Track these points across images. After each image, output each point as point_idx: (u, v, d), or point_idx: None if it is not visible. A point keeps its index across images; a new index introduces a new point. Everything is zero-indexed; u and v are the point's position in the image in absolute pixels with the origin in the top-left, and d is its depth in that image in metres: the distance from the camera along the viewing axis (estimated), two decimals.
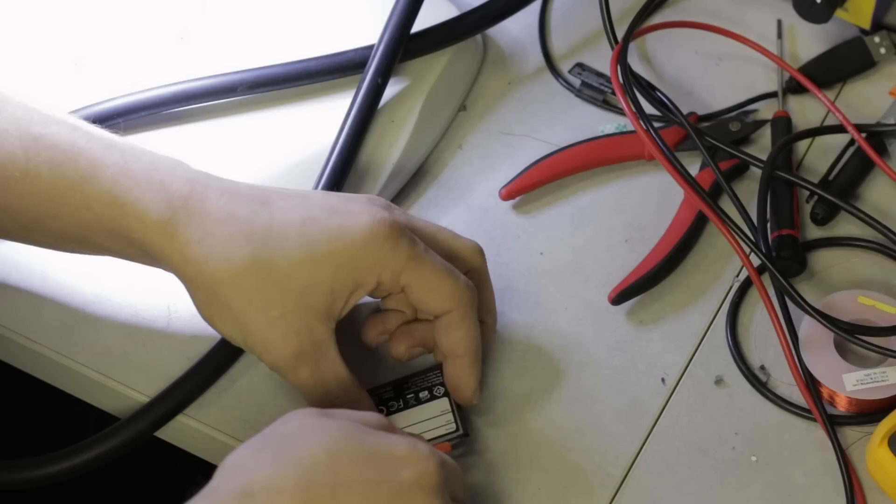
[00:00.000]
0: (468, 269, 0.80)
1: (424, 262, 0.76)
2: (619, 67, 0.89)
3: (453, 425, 0.80)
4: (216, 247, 0.74)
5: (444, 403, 0.81)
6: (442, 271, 0.77)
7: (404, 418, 0.81)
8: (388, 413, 0.81)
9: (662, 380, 0.84)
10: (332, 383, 0.77)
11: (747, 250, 0.84)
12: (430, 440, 0.79)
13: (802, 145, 0.93)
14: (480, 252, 0.81)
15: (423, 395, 0.81)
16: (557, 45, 1.00)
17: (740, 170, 0.92)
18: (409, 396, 0.81)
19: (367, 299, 0.80)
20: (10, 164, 0.76)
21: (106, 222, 0.76)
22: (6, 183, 0.76)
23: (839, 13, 0.94)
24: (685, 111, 0.92)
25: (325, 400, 0.77)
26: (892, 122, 0.91)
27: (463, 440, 0.80)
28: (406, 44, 0.92)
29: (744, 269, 0.86)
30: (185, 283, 0.76)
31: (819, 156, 0.93)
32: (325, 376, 0.76)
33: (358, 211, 0.76)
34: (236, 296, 0.74)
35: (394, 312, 0.81)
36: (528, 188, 0.92)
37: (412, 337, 0.81)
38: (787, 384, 0.83)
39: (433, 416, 0.80)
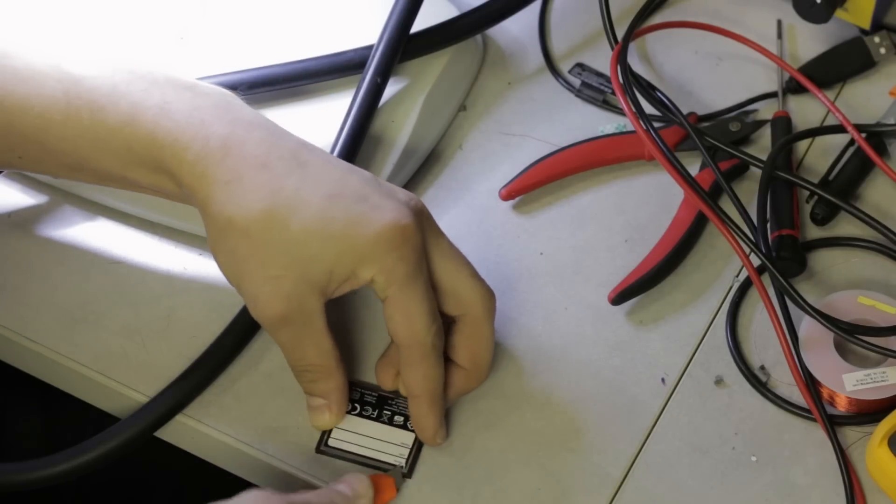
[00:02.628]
0: (464, 313, 0.80)
1: (416, 290, 0.76)
2: (619, 67, 0.89)
3: (402, 460, 0.80)
4: (240, 191, 0.74)
5: (408, 437, 0.81)
6: (425, 307, 0.76)
7: (367, 427, 0.81)
8: (360, 414, 0.81)
9: (662, 380, 0.84)
10: (311, 351, 0.77)
11: (747, 250, 0.84)
12: (374, 461, 0.80)
13: (802, 145, 0.93)
14: (486, 300, 0.80)
15: (398, 419, 0.81)
16: (557, 45, 1.00)
17: (740, 170, 0.92)
18: (385, 412, 0.82)
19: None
20: (52, 107, 0.76)
21: (147, 162, 0.76)
22: (48, 126, 0.76)
23: (839, 13, 0.94)
24: (685, 111, 0.92)
25: (300, 363, 0.78)
26: (892, 122, 0.91)
27: (403, 480, 0.80)
28: (406, 44, 0.92)
29: (744, 269, 0.86)
30: (203, 218, 0.76)
31: (819, 156, 0.93)
32: (305, 343, 0.77)
33: (386, 207, 0.75)
34: (243, 243, 0.74)
35: (396, 346, 0.81)
36: (528, 188, 0.92)
37: None
38: (787, 384, 0.83)
39: (391, 442, 0.81)
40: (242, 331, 0.85)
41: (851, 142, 0.91)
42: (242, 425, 0.83)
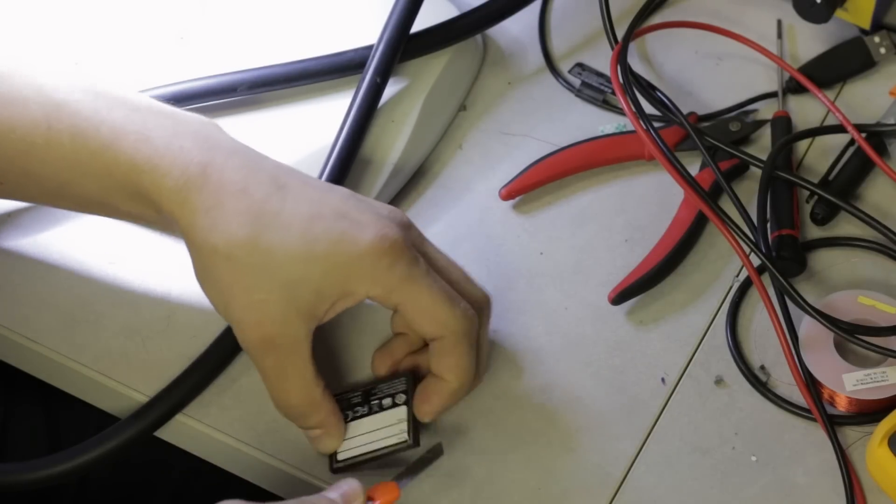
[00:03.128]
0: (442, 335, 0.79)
1: (419, 285, 0.76)
2: (619, 67, 0.89)
3: (405, 435, 0.80)
4: (221, 218, 0.74)
5: (401, 412, 0.80)
6: (438, 296, 0.76)
7: (364, 425, 0.81)
8: (353, 418, 0.81)
9: (662, 380, 0.84)
10: (295, 383, 0.77)
11: (747, 250, 0.84)
12: (383, 450, 0.79)
13: (802, 145, 0.93)
14: (483, 304, 0.80)
15: (386, 402, 0.81)
16: (557, 45, 1.00)
17: (740, 170, 0.92)
18: (374, 403, 0.81)
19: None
20: (33, 131, 0.76)
21: (127, 187, 0.76)
22: (29, 149, 0.77)
23: (839, 13, 0.94)
24: (685, 111, 0.92)
25: (282, 396, 0.77)
26: (892, 122, 0.91)
27: (435, 456, 0.79)
28: (406, 44, 0.92)
29: (744, 269, 0.86)
30: (187, 247, 0.76)
31: (819, 156, 0.93)
32: (289, 374, 0.76)
33: (367, 223, 0.75)
34: (227, 269, 0.74)
35: (400, 340, 0.81)
36: (528, 188, 0.92)
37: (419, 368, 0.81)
38: (787, 384, 0.83)
39: (389, 425, 0.80)
40: None
41: (851, 142, 0.91)
42: (242, 425, 0.83)
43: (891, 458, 0.77)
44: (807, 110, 0.95)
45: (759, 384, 0.83)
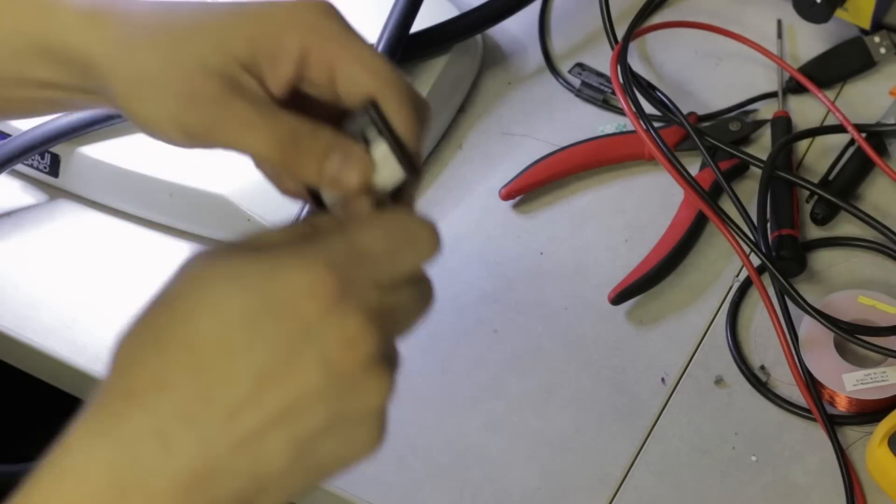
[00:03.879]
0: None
1: (358, 39, 0.67)
2: (619, 67, 0.89)
3: (397, 170, 0.64)
4: (139, 27, 0.68)
5: (381, 148, 0.64)
6: (376, 52, 0.67)
7: None
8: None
9: (662, 380, 0.84)
10: (263, 111, 0.66)
11: (747, 250, 0.84)
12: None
13: (802, 145, 0.93)
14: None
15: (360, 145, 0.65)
16: (557, 45, 1.00)
17: (740, 170, 0.92)
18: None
19: None
20: None
21: (36, 39, 0.71)
22: None
23: (839, 13, 0.94)
24: (685, 111, 0.92)
25: (264, 134, 0.67)
26: (892, 122, 0.91)
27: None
28: (406, 44, 0.92)
29: (744, 269, 0.86)
30: (109, 75, 0.69)
31: (819, 156, 0.93)
32: (254, 113, 0.66)
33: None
34: (152, 45, 0.67)
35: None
36: (528, 188, 0.92)
37: None
38: (787, 384, 0.83)
39: (376, 171, 0.64)
40: None
41: (851, 142, 0.91)
42: None
43: (891, 458, 0.77)
44: (807, 110, 0.95)
45: (759, 384, 0.83)
